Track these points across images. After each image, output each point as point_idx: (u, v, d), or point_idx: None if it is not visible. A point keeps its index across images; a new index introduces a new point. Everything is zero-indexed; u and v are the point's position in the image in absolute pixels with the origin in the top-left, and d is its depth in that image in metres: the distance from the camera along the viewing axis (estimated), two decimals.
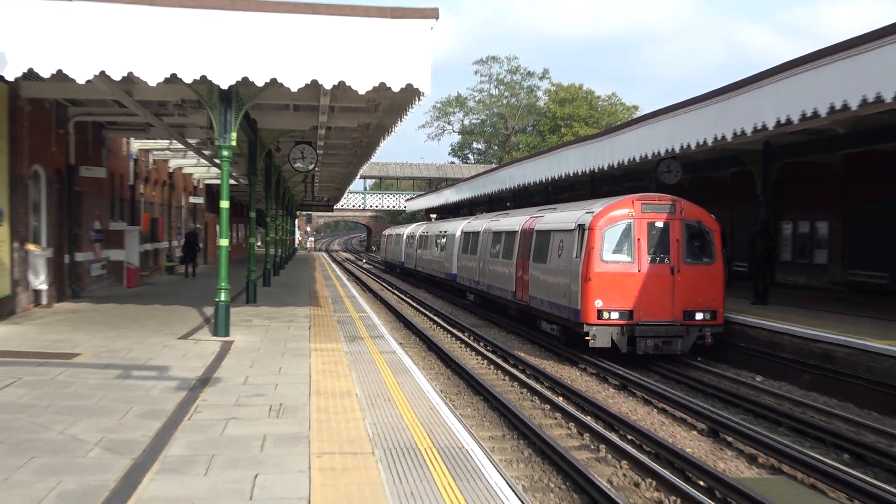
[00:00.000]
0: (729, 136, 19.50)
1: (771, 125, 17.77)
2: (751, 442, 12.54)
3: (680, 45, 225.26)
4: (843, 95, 15.55)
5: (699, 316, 19.38)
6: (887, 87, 14.46)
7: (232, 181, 26.54)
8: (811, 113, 16.44)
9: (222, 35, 12.92)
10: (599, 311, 19.25)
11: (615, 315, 19.27)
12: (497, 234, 29.94)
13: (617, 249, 19.58)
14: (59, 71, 12.64)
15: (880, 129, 19.44)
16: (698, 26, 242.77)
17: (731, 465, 11.79)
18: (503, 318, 29.25)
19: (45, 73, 12.67)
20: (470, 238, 35.14)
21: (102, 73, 12.81)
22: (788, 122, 17.18)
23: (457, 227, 39.10)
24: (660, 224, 19.57)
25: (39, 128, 19.19)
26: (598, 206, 20.77)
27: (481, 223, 33.89)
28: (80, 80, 12.76)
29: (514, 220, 28.52)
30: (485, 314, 31.51)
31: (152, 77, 12.81)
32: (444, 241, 42.07)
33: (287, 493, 6.53)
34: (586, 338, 19.34)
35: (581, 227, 20.08)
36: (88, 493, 6.40)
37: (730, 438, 13.11)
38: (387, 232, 73.69)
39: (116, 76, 12.87)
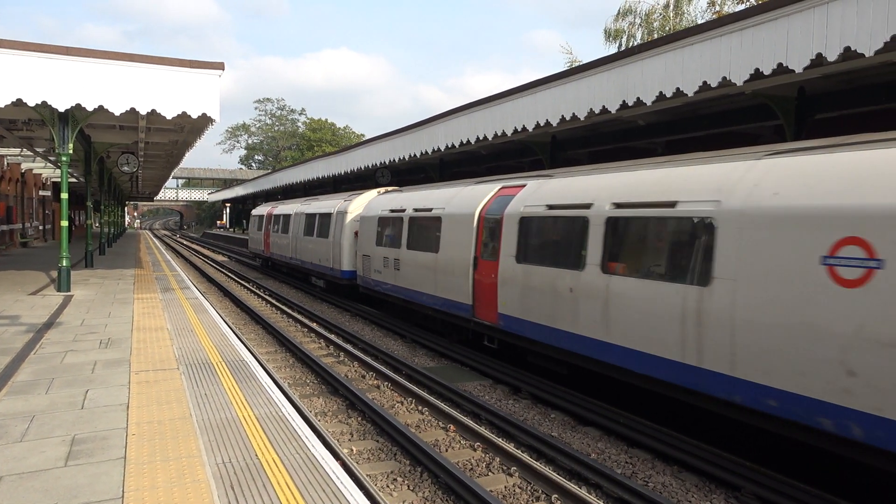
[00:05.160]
0: (407, 157, 20.19)
1: (443, 148, 18.28)
2: (434, 346, 13.04)
3: (385, 95, 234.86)
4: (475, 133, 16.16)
5: None
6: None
7: (73, 179, 23.53)
8: (464, 141, 17.08)
9: (60, 72, 11.38)
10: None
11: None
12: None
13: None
14: None
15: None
16: (395, 85, 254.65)
17: (423, 360, 12.21)
18: (273, 271, 28.33)
19: None
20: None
21: None
22: (454, 146, 17.73)
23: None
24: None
25: None
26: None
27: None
28: None
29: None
30: (268, 272, 29.82)
31: (1, 100, 11.08)
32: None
33: (111, 401, 5.89)
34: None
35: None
36: None
37: (421, 344, 13.57)
38: (274, 211, 28.46)
39: None
